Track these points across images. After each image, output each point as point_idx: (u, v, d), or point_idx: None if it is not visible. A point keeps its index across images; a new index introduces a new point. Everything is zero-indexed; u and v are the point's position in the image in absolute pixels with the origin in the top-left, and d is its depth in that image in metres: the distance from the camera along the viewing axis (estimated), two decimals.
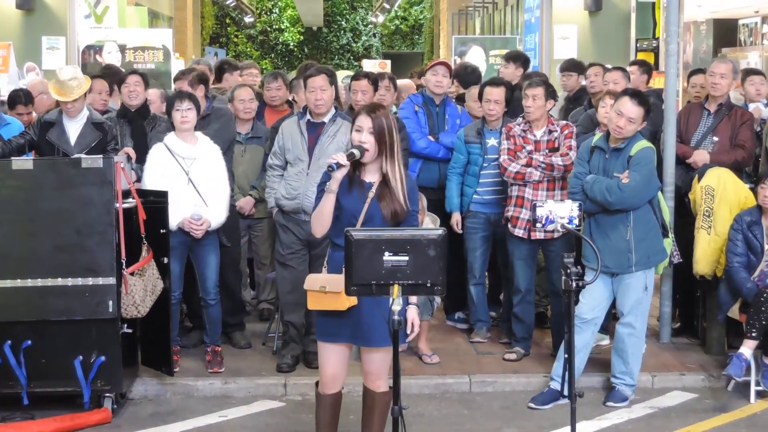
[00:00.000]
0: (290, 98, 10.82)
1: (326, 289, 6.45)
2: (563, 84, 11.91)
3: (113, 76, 10.86)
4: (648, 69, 11.69)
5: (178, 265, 8.80)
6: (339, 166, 6.34)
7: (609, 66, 11.23)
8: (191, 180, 8.72)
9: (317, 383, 6.87)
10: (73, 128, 9.02)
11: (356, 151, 6.40)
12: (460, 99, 10.87)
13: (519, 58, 11.89)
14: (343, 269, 6.30)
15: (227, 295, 9.55)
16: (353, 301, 6.39)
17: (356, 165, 6.48)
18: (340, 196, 6.45)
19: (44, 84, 11.26)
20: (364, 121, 6.47)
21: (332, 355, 6.67)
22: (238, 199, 9.84)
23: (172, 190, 8.54)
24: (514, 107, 9.85)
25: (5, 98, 11.26)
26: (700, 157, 9.49)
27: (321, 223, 6.46)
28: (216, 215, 8.80)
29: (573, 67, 11.98)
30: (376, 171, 6.54)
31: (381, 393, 6.75)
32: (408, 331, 6.51)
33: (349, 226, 6.20)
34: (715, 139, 9.56)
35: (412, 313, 6.51)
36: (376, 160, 6.50)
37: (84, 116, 9.07)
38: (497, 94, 9.57)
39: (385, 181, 6.51)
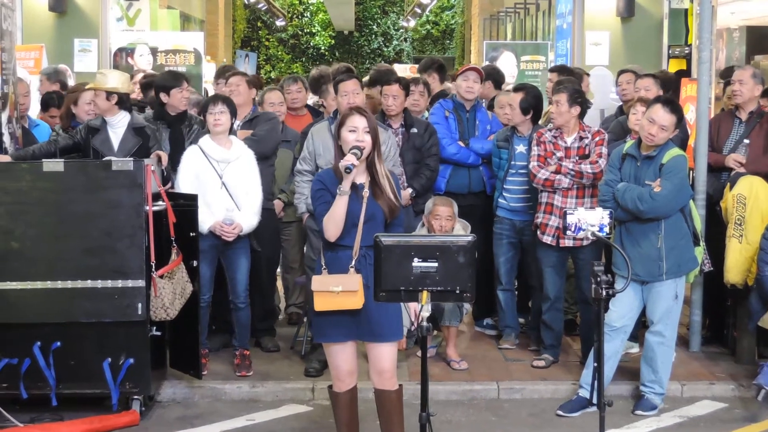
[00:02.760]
0: (319, 102, 10.85)
1: (341, 290, 6.47)
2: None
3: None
4: (569, 74, 11.52)
5: (208, 268, 8.82)
6: (354, 166, 6.44)
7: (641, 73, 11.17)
8: (224, 184, 8.73)
9: (330, 386, 6.91)
10: (116, 134, 9.03)
11: (358, 152, 6.51)
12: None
13: (432, 65, 11.79)
14: (351, 269, 6.38)
15: (260, 300, 9.57)
16: (363, 299, 6.48)
17: None
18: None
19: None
20: (360, 122, 6.59)
21: (344, 352, 6.74)
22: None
23: (205, 194, 8.58)
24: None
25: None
26: (734, 158, 9.43)
27: (336, 225, 6.52)
28: (248, 220, 8.81)
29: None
30: (363, 171, 6.66)
31: (397, 390, 6.80)
32: (412, 318, 6.61)
33: (351, 227, 6.47)
34: (746, 141, 9.50)
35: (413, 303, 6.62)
36: (364, 161, 6.60)
37: (125, 122, 9.08)
38: (511, 99, 9.62)
39: (374, 179, 6.63)
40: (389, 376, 6.74)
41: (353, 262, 6.54)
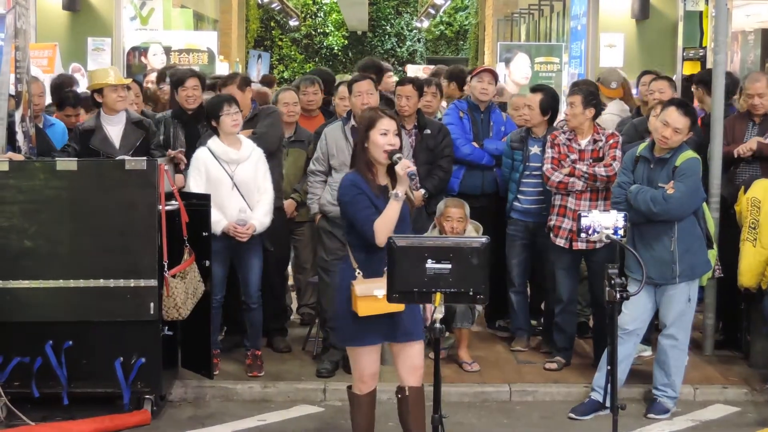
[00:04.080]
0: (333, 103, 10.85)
1: (384, 294, 6.44)
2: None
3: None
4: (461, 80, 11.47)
5: (221, 268, 8.81)
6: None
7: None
8: (236, 184, 8.71)
9: (350, 387, 6.91)
10: (115, 131, 9.00)
11: (402, 155, 6.50)
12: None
13: (371, 68, 11.83)
14: (385, 271, 6.35)
15: (271, 300, 9.55)
16: None
17: (372, 168, 6.59)
18: (376, 202, 6.53)
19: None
20: (390, 125, 6.57)
21: (372, 355, 6.74)
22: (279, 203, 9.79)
23: (217, 195, 8.57)
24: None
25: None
26: (758, 139, 9.37)
27: (390, 231, 6.46)
28: (261, 219, 8.80)
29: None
30: (385, 173, 6.65)
31: (422, 386, 6.81)
32: (427, 315, 6.63)
33: None
34: None
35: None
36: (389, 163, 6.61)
37: (123, 117, 9.06)
38: (531, 99, 9.58)
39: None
40: (421, 373, 6.77)
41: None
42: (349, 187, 6.59)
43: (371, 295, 6.46)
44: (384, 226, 6.46)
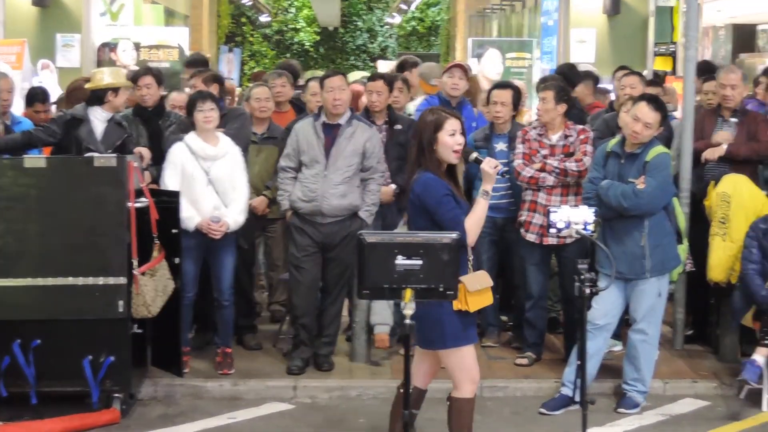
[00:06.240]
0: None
1: (483, 287, 6.51)
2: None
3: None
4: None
5: (193, 266, 8.77)
6: None
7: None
8: (211, 181, 8.67)
9: (448, 396, 6.93)
10: (100, 127, 8.92)
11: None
12: None
13: (197, 62, 12.19)
14: (470, 267, 6.46)
15: (240, 297, 9.50)
16: None
17: (441, 168, 6.58)
18: (459, 200, 6.55)
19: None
20: (457, 125, 6.56)
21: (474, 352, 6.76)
22: (251, 199, 9.73)
23: (191, 191, 8.54)
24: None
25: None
26: (722, 137, 9.40)
27: (479, 230, 6.56)
28: (235, 217, 8.75)
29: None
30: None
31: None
32: None
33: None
34: (733, 120, 9.46)
35: None
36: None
37: (109, 114, 9.00)
38: (503, 96, 9.53)
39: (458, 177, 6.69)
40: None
41: (472, 260, 6.54)
42: (437, 187, 6.47)
43: (479, 288, 6.46)
44: (475, 226, 6.48)
